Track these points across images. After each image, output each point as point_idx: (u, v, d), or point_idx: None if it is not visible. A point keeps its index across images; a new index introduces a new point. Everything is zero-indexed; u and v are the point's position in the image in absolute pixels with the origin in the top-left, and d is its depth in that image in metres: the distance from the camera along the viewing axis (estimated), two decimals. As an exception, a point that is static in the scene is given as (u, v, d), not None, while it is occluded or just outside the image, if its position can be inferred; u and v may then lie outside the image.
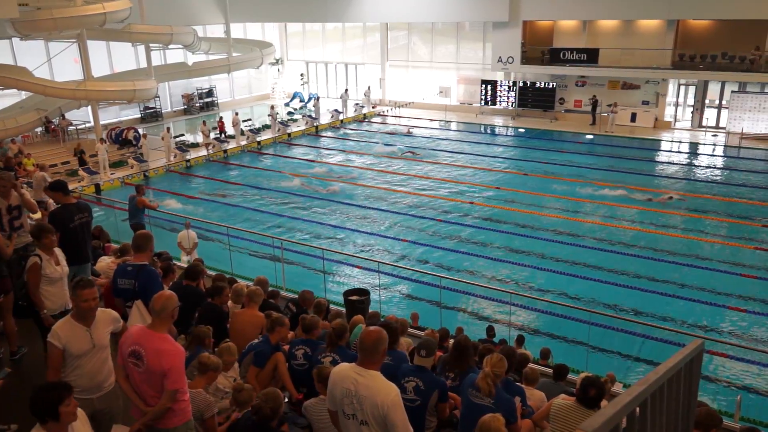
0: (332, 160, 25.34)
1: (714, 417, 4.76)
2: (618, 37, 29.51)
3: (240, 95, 37.81)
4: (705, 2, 25.89)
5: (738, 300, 13.02)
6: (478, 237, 16.76)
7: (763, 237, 16.42)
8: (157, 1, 29.54)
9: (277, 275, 12.80)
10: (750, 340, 11.63)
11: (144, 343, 4.38)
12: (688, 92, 29.47)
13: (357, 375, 3.96)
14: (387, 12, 33.36)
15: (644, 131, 28.48)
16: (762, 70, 26.07)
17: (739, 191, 20.20)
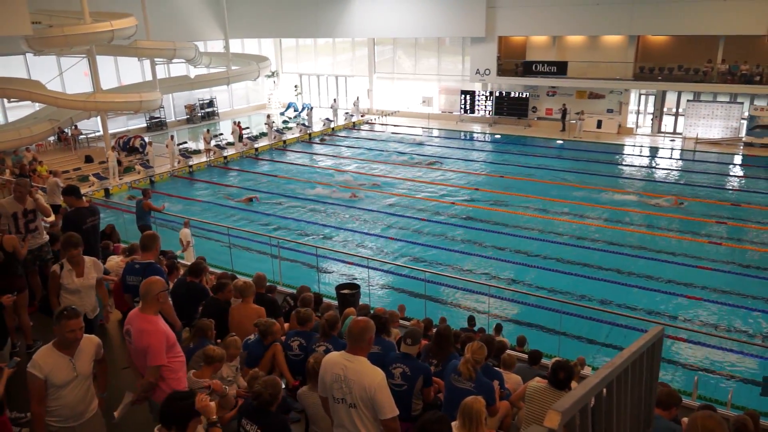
0: (324, 164, 25.30)
1: (674, 396, 4.79)
2: (585, 51, 29.68)
3: (238, 105, 37.65)
4: (662, 19, 26.11)
5: (695, 289, 13.14)
6: (460, 234, 16.79)
7: (716, 232, 16.58)
8: (162, 19, 29.36)
9: (275, 271, 12.76)
10: (706, 326, 11.73)
11: (132, 323, 4.58)
12: (648, 101, 29.67)
13: (346, 361, 3.97)
14: (373, 28, 33.40)
15: (609, 137, 28.63)
16: (714, 81, 26.33)
17: (695, 191, 20.37)
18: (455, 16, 30.66)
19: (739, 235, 16.39)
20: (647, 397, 3.96)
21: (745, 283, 13.39)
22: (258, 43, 38.41)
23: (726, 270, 14.14)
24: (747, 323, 11.86)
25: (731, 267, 14.31)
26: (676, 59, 27.70)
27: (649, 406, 4.11)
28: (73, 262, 5.89)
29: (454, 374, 5.13)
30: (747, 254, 15.14)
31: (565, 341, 10.72)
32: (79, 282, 5.93)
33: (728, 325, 11.79)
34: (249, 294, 6.68)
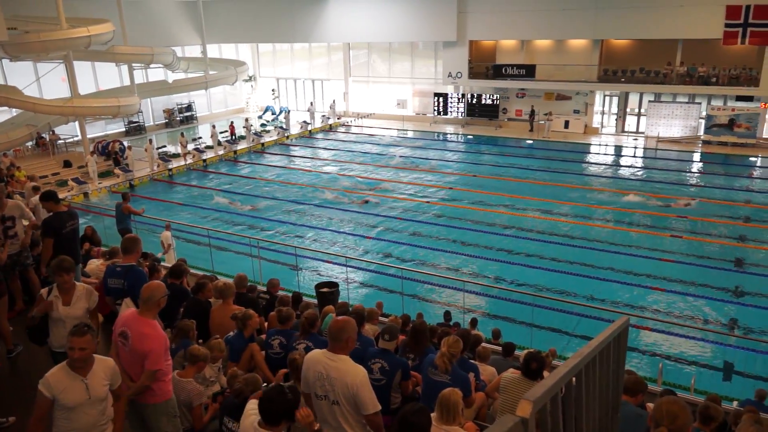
0: (305, 166, 25.19)
1: (640, 383, 4.88)
2: (552, 55, 30.00)
3: (217, 109, 37.27)
4: (624, 24, 26.55)
5: (658, 281, 13.39)
6: (435, 232, 16.86)
7: (677, 226, 16.91)
8: (139, 25, 28.92)
9: (254, 271, 12.68)
10: (669, 315, 11.96)
11: (131, 326, 4.44)
12: (612, 102, 30.09)
13: (328, 360, 3.96)
14: (348, 33, 33.35)
15: (576, 136, 29.01)
16: (673, 83, 26.84)
17: (657, 187, 20.75)
18: (427, 21, 30.77)
19: (699, 228, 16.73)
20: (614, 384, 4.03)
21: (704, 274, 13.69)
22: (235, 48, 38.10)
23: (687, 262, 14.43)
24: (707, 312, 12.11)
25: (692, 259, 14.62)
26: (637, 62, 28.17)
27: (617, 392, 4.18)
28: (62, 289, 5.31)
29: (431, 368, 5.16)
30: (706, 247, 15.48)
31: (538, 333, 10.84)
32: (65, 311, 5.30)
33: (690, 314, 12.03)
34: (229, 295, 6.63)
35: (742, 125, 25.72)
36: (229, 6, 34.72)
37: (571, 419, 2.97)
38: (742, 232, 16.29)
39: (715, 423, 4.77)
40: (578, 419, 3.09)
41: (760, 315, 11.83)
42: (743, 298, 12.64)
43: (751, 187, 20.74)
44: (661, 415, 2.88)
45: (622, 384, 4.52)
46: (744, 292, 12.89)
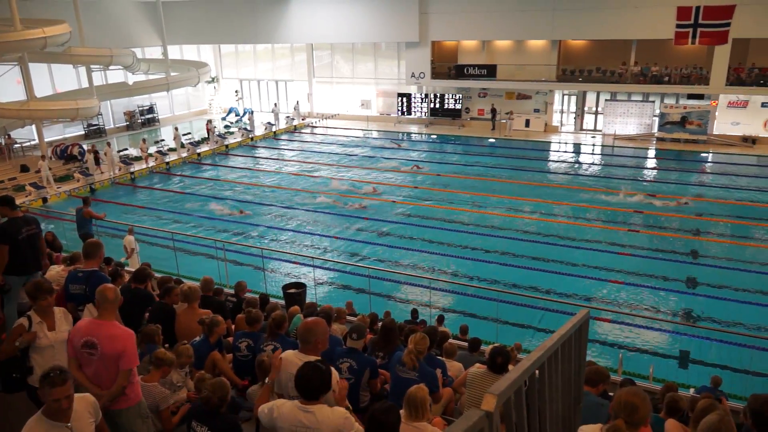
0: (271, 167, 24.96)
1: (600, 373, 4.99)
2: (512, 55, 30.42)
3: (179, 111, 36.59)
4: (580, 25, 27.12)
5: (616, 274, 13.71)
6: (400, 231, 16.91)
7: (634, 221, 17.35)
8: (97, 26, 28.23)
9: (221, 274, 12.51)
10: (628, 307, 12.25)
11: (96, 333, 4.30)
12: (570, 101, 30.69)
13: (298, 360, 3.95)
14: (311, 34, 33.18)
15: (537, 135, 29.49)
16: (628, 82, 27.56)
17: (614, 182, 21.25)
18: (390, 22, 30.84)
19: (654, 222, 17.20)
20: (576, 375, 4.11)
21: (660, 266, 14.09)
22: (197, 49, 37.49)
23: (643, 255, 14.82)
24: (664, 303, 12.46)
25: (647, 252, 15.02)
26: (594, 62, 28.81)
27: (579, 384, 4.27)
28: (44, 313, 4.79)
29: (398, 365, 5.19)
30: (660, 240, 15.92)
31: (503, 328, 10.99)
32: (53, 337, 4.77)
33: (648, 305, 12.36)
34: (194, 299, 6.52)
35: (694, 122, 26.53)
36: (190, 7, 34.17)
37: (535, 411, 3.02)
38: (696, 226, 16.81)
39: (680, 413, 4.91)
40: (542, 411, 3.15)
41: (714, 304, 12.22)
42: (697, 289, 13.05)
43: (703, 182, 21.42)
44: (619, 408, 2.96)
45: (584, 375, 4.62)
46: (698, 282, 13.31)
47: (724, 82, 25.28)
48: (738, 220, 17.10)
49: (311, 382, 3.51)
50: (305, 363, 3.67)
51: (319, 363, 3.61)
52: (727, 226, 16.76)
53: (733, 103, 26.42)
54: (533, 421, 2.97)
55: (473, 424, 2.01)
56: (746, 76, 25.42)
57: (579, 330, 4.00)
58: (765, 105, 25.85)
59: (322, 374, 3.54)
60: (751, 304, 12.07)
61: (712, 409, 3.89)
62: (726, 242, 15.67)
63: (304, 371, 3.54)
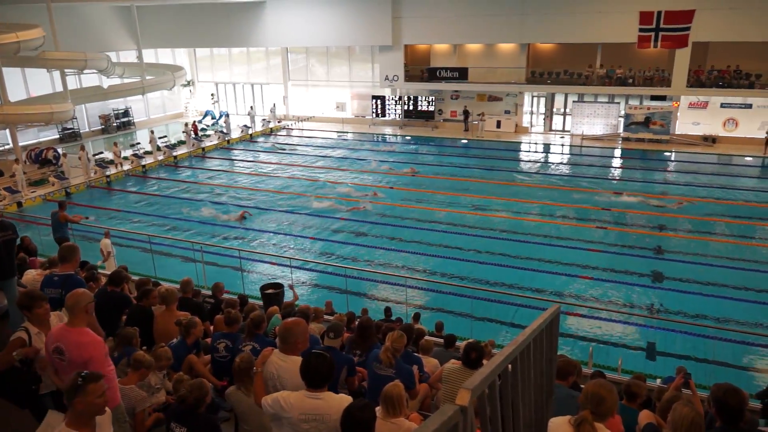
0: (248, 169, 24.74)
1: (571, 365, 5.05)
2: (483, 58, 30.66)
3: (155, 114, 36.06)
4: (548, 29, 27.45)
5: (586, 270, 13.91)
6: (376, 231, 16.91)
7: (602, 217, 17.61)
8: (71, 30, 27.68)
9: (199, 276, 12.37)
10: (597, 301, 12.45)
11: (64, 339, 4.21)
12: (539, 102, 31.01)
13: (279, 360, 3.95)
14: (286, 37, 33.00)
15: (508, 135, 29.76)
16: (594, 84, 27.97)
17: (583, 182, 21.57)
18: (364, 26, 30.82)
19: (621, 219, 17.50)
20: (548, 369, 4.16)
21: (627, 262, 14.33)
22: (172, 52, 36.99)
23: (611, 251, 15.08)
24: (631, 297, 12.69)
25: (615, 249, 15.28)
26: (562, 64, 29.19)
27: (550, 377, 4.32)
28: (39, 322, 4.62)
29: (375, 362, 5.19)
30: (628, 236, 16.21)
31: (477, 324, 11.07)
32: None
33: (616, 300, 12.57)
34: (172, 301, 6.45)
35: (657, 123, 27.07)
36: (165, 11, 33.69)
37: (509, 405, 3.05)
38: (661, 222, 17.15)
39: (639, 398, 5.02)
40: (515, 404, 3.18)
41: (678, 298, 12.49)
42: (662, 283, 13.32)
43: (667, 180, 21.87)
44: (586, 399, 3.01)
45: (555, 369, 4.68)
46: (663, 276, 13.58)
47: (685, 83, 25.86)
48: (700, 216, 17.49)
49: (316, 370, 3.55)
50: (311, 353, 3.71)
51: (323, 352, 3.67)
52: (691, 222, 17.13)
53: (693, 104, 27.01)
54: (507, 414, 3.00)
55: (448, 418, 2.02)
56: (705, 78, 26.03)
57: (550, 325, 4.04)
58: (724, 106, 26.49)
59: (328, 362, 3.59)
60: (713, 296, 12.36)
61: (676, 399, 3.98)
62: (689, 238, 16.02)
63: (310, 360, 3.59)
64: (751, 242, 15.52)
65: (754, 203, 18.50)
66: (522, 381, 3.24)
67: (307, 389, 3.60)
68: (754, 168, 23.37)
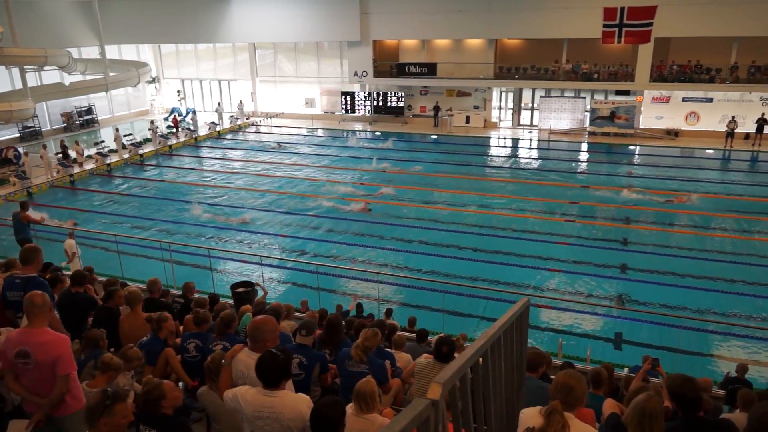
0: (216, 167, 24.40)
1: (540, 356, 5.12)
2: (451, 54, 30.82)
3: (119, 112, 35.24)
4: (515, 25, 27.73)
5: (555, 262, 14.13)
6: (347, 227, 16.88)
7: (570, 210, 17.90)
8: (30, 26, 26.88)
9: (168, 276, 12.16)
10: (565, 293, 12.65)
11: (28, 341, 4.13)
12: (507, 98, 31.37)
13: (248, 358, 3.93)
14: (253, 33, 32.61)
15: (477, 130, 30.00)
16: (561, 79, 28.40)
17: (551, 176, 21.89)
18: (332, 22, 30.65)
19: (587, 212, 17.81)
20: (518, 361, 4.22)
21: (594, 254, 14.61)
22: (136, 49, 36.22)
23: (579, 244, 15.34)
24: (598, 288, 12.93)
25: (582, 241, 15.55)
26: (529, 60, 29.54)
27: (521, 369, 4.38)
28: None
29: (347, 359, 5.19)
30: (594, 229, 16.51)
31: (449, 318, 11.13)
32: None
33: (584, 291, 12.79)
34: (136, 303, 6.33)
35: (622, 117, 27.62)
36: (128, 6, 32.94)
37: (480, 397, 3.08)
38: (626, 214, 17.52)
39: (604, 384, 5.14)
40: (486, 397, 3.21)
41: (643, 288, 12.77)
42: (628, 274, 13.62)
43: (632, 173, 22.34)
44: (556, 389, 3.06)
45: (526, 361, 4.74)
46: (629, 268, 13.88)
47: (648, 78, 26.43)
48: (664, 208, 17.91)
49: (270, 369, 3.54)
50: (265, 351, 3.69)
51: (277, 350, 3.65)
52: (656, 214, 17.52)
53: (656, 98, 27.64)
54: (478, 407, 3.03)
55: (419, 413, 2.03)
56: (668, 73, 26.66)
57: (520, 317, 4.09)
58: (686, 100, 27.17)
59: (280, 361, 3.58)
60: (677, 287, 12.67)
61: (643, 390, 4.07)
62: (654, 229, 16.40)
63: (264, 359, 3.59)
64: (713, 233, 15.96)
65: (716, 195, 19.01)
66: (493, 373, 3.27)
67: (263, 387, 3.62)
68: (715, 161, 24.04)
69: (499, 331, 3.39)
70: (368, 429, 3.87)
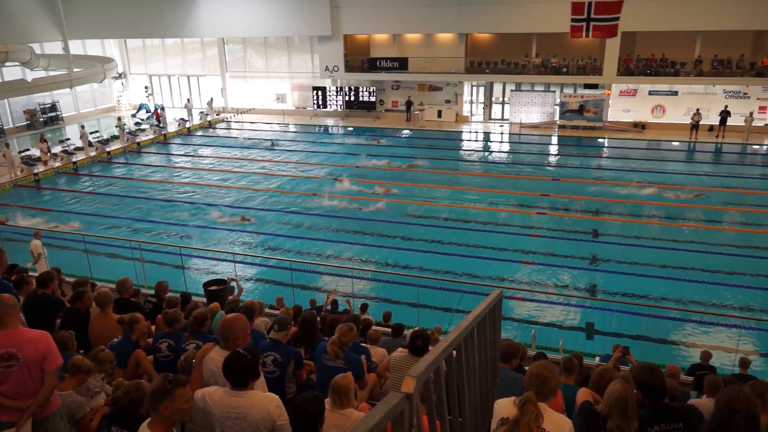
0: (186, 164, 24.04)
1: (513, 348, 5.18)
2: (422, 48, 30.87)
3: (85, 109, 34.41)
4: (485, 19, 27.90)
5: (527, 255, 14.31)
6: (321, 223, 16.81)
7: (541, 203, 18.13)
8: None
9: (138, 275, 11.96)
10: (537, 285, 12.82)
11: (11, 342, 4.02)
12: (479, 92, 31.56)
13: (219, 357, 3.90)
14: (222, 28, 32.14)
15: (449, 125, 30.14)
16: (531, 73, 28.69)
17: (522, 169, 22.13)
18: (302, 16, 30.40)
19: (558, 204, 18.06)
20: (492, 353, 4.26)
21: (565, 246, 14.84)
22: (101, 44, 35.38)
23: (550, 236, 15.56)
24: (569, 279, 13.14)
25: (554, 233, 15.78)
26: (499, 54, 29.76)
27: (495, 360, 4.43)
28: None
29: (324, 354, 5.18)
30: (565, 221, 16.75)
31: (424, 312, 11.19)
32: None
33: (556, 282, 12.99)
34: (107, 304, 6.20)
35: (591, 110, 28.05)
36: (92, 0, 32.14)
37: (455, 390, 3.10)
38: (596, 206, 17.81)
39: (575, 372, 5.24)
40: (461, 389, 3.23)
41: (613, 279, 13.02)
42: (599, 265, 13.87)
43: (601, 166, 22.74)
44: (530, 380, 3.10)
45: (499, 352, 4.79)
46: (599, 259, 14.13)
47: (616, 72, 26.89)
48: (632, 199, 18.26)
49: (237, 369, 3.53)
50: (232, 351, 3.67)
51: (244, 350, 3.63)
52: (624, 206, 17.85)
53: (624, 92, 28.13)
54: (453, 399, 3.05)
55: (394, 406, 2.03)
56: (634, 67, 27.16)
57: (493, 309, 4.13)
58: (652, 93, 27.71)
59: (247, 360, 3.56)
60: (646, 276, 12.94)
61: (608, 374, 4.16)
62: (623, 221, 16.72)
63: (230, 359, 3.57)
64: (680, 224, 16.33)
65: (682, 186, 19.43)
66: (467, 365, 3.29)
67: (231, 387, 3.60)
68: (680, 152, 24.59)
69: (473, 324, 3.41)
70: (344, 424, 3.87)
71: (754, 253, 14.23)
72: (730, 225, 16.28)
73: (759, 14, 24.35)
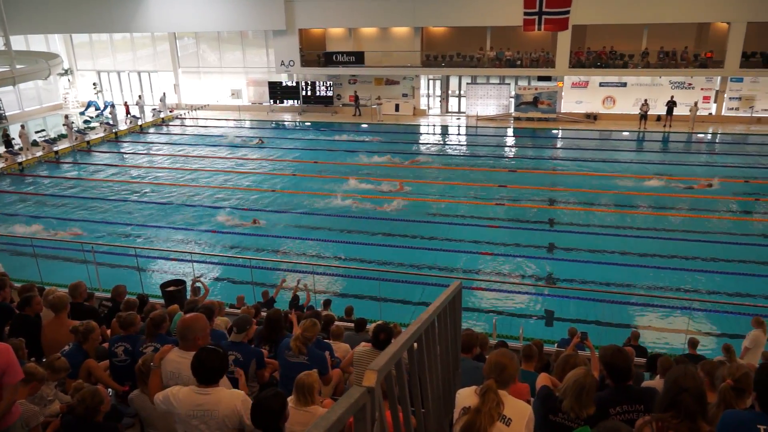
0: (139, 162, 23.40)
1: (473, 338, 5.26)
2: (378, 42, 30.85)
3: (29, 107, 33.06)
4: (440, 13, 28.07)
5: (487, 246, 14.52)
6: (279, 220, 16.65)
7: (501, 194, 18.42)
8: None
9: (92, 278, 11.60)
10: (498, 275, 13.03)
11: None
12: (435, 85, 31.78)
13: (179, 358, 3.84)
14: (173, 22, 31.36)
15: (407, 118, 30.26)
16: (486, 66, 29.07)
17: (479, 161, 22.41)
18: (255, 10, 29.96)
19: (516, 195, 18.38)
20: (453, 343, 4.32)
21: (523, 236, 15.12)
22: (45, 39, 34.05)
23: (508, 227, 15.82)
24: (528, 268, 13.40)
25: (511, 223, 16.05)
26: (454, 47, 30.02)
27: (456, 351, 4.49)
28: None
29: (287, 351, 5.15)
30: (523, 211, 17.06)
31: (386, 306, 11.23)
32: None
33: (515, 272, 13.23)
34: (62, 308, 5.99)
35: (545, 102, 28.61)
36: (34, -7, 30.88)
37: (417, 381, 3.13)
38: (551, 196, 18.20)
39: (535, 358, 5.37)
40: (423, 380, 3.27)
41: (570, 266, 13.35)
42: (556, 253, 14.19)
43: (556, 156, 23.23)
44: (490, 368, 3.16)
45: (460, 343, 4.86)
46: (556, 247, 14.46)
47: (567, 64, 27.51)
48: (586, 188, 18.73)
49: (209, 365, 3.49)
50: (201, 348, 3.62)
51: (215, 347, 3.59)
52: (578, 195, 18.30)
53: (576, 84, 28.79)
54: (415, 390, 3.08)
55: (355, 401, 2.04)
56: (585, 59, 27.83)
57: (453, 300, 4.19)
58: (602, 85, 28.46)
59: (219, 355, 3.53)
60: (601, 263, 13.31)
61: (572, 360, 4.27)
62: (578, 210, 17.14)
63: (201, 356, 3.52)
64: (632, 211, 16.85)
65: (633, 175, 20.04)
66: (428, 357, 3.33)
67: (197, 385, 3.55)
68: (630, 142, 25.35)
69: (433, 315, 3.45)
70: (309, 421, 3.86)
71: (702, 237, 14.80)
72: (679, 211, 16.88)
73: (702, 7, 25.31)
